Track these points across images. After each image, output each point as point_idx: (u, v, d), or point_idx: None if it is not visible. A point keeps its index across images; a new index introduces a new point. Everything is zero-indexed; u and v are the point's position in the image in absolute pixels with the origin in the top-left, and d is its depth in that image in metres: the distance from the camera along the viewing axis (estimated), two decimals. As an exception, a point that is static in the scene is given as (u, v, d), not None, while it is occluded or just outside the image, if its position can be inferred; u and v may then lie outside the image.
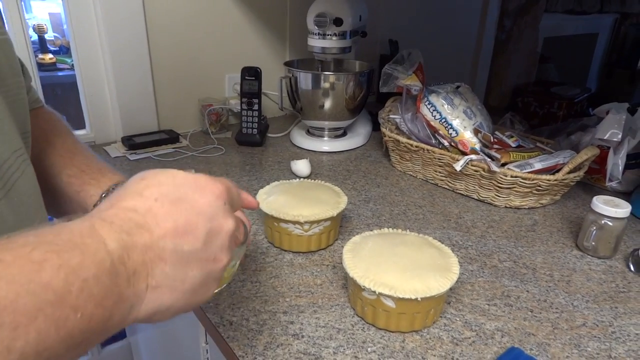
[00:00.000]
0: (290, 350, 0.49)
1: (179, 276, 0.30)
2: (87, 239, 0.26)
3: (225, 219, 0.33)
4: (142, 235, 0.29)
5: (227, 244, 0.33)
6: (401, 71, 0.92)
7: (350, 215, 0.78)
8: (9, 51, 0.41)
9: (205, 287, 0.33)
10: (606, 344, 0.51)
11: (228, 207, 0.34)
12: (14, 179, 0.38)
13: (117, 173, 0.52)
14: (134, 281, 0.28)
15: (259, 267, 0.63)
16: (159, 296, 0.30)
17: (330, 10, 0.98)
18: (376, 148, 1.11)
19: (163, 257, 0.29)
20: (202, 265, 0.31)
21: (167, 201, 0.30)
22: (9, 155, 0.37)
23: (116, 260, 0.27)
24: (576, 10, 2.08)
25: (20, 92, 0.43)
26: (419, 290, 0.49)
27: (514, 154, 0.83)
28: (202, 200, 0.32)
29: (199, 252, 0.31)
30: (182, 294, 0.31)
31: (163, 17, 1.04)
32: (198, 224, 0.31)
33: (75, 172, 0.50)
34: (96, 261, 0.26)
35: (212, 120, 1.13)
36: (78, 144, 0.54)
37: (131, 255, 0.28)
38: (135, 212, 0.29)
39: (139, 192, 0.31)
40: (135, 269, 0.28)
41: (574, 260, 0.68)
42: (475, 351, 0.50)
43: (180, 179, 0.32)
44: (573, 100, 1.53)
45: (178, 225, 0.30)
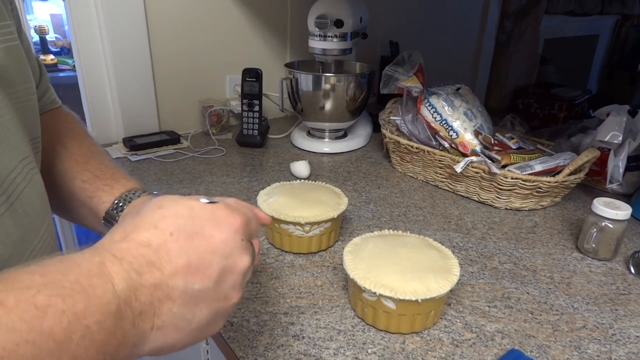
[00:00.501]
0: (290, 351, 0.49)
1: (186, 316, 0.29)
2: (95, 279, 0.26)
3: (240, 257, 0.32)
4: (152, 274, 0.28)
5: (239, 282, 0.32)
6: (402, 73, 0.92)
7: (351, 216, 0.78)
8: (20, 57, 0.40)
9: (212, 325, 0.32)
10: (606, 346, 0.51)
11: (245, 243, 0.33)
12: (19, 190, 0.37)
13: (131, 179, 0.51)
14: (139, 322, 0.27)
15: (260, 268, 0.63)
16: (164, 335, 0.29)
17: (331, 11, 0.98)
18: (377, 149, 1.11)
19: (172, 296, 0.28)
20: (212, 304, 0.31)
21: (183, 236, 0.30)
22: (15, 165, 0.37)
23: (122, 303, 0.26)
24: (577, 11, 2.08)
25: (31, 97, 0.42)
26: (419, 291, 0.49)
27: (515, 156, 0.83)
28: (220, 236, 0.31)
29: (210, 292, 0.30)
30: (188, 332, 0.30)
31: (164, 18, 1.05)
32: (212, 262, 0.30)
33: (89, 178, 0.49)
34: (101, 305, 0.25)
35: (213, 121, 1.14)
36: (94, 147, 0.54)
37: (139, 296, 0.27)
38: (148, 247, 0.29)
39: (154, 224, 0.30)
40: (142, 310, 0.27)
41: (575, 262, 0.68)
42: (475, 353, 0.50)
43: (199, 211, 0.31)
44: (573, 101, 1.53)
45: (191, 263, 0.29)
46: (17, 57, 0.40)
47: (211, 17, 1.11)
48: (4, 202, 0.35)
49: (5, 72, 0.37)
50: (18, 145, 0.37)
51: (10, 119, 0.37)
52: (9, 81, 0.37)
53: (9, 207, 0.35)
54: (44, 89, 0.54)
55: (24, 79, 0.41)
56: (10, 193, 0.36)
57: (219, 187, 0.86)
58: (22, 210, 0.37)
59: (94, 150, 0.53)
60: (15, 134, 0.37)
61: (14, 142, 0.37)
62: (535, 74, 1.89)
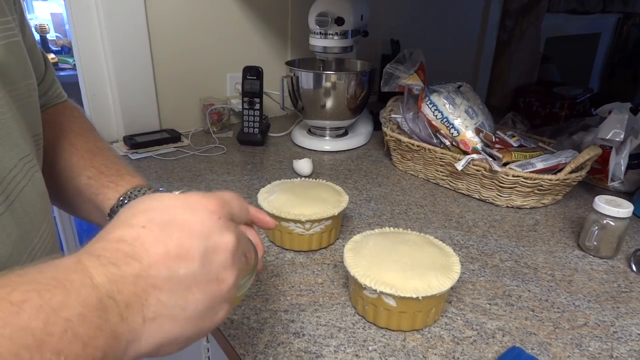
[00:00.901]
0: (291, 348, 0.49)
1: (178, 303, 0.28)
2: (72, 275, 0.25)
3: (221, 235, 0.31)
4: (131, 266, 0.27)
5: (229, 262, 0.31)
6: (403, 70, 0.92)
7: (352, 214, 0.78)
8: (20, 53, 0.40)
9: (213, 311, 0.31)
10: (608, 344, 0.51)
11: (225, 222, 0.31)
12: (19, 188, 0.37)
13: (137, 176, 0.51)
14: (128, 315, 0.26)
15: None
16: (160, 327, 0.28)
17: (332, 9, 0.98)
18: (377, 147, 1.11)
19: (157, 285, 0.27)
20: (205, 287, 0.29)
21: (156, 226, 0.29)
22: (16, 163, 0.37)
23: (104, 296, 0.25)
24: (578, 10, 2.08)
25: (32, 94, 0.42)
26: (420, 289, 0.49)
27: (516, 154, 0.83)
28: (194, 218, 0.30)
29: (198, 275, 0.29)
30: (186, 321, 0.29)
31: (164, 17, 1.04)
32: (192, 245, 0.29)
33: (94, 174, 0.49)
34: (81, 298, 0.24)
35: (214, 119, 1.14)
36: (99, 142, 0.54)
37: (121, 288, 0.26)
38: (123, 242, 0.28)
39: (126, 221, 0.29)
40: (128, 302, 0.26)
41: (576, 260, 0.68)
42: (476, 350, 0.50)
43: (169, 201, 0.31)
44: (575, 100, 1.53)
45: (169, 250, 0.28)
46: (17, 53, 0.39)
47: (212, 15, 1.11)
48: (4, 201, 0.34)
49: (6, 68, 0.37)
50: (19, 143, 0.37)
51: (11, 117, 0.36)
52: (9, 78, 0.37)
53: (9, 206, 0.35)
54: (50, 83, 0.54)
55: (24, 75, 0.40)
56: (10, 192, 0.35)
57: (219, 185, 0.86)
58: (22, 209, 0.36)
59: (99, 146, 0.53)
60: (16, 132, 0.37)
61: (14, 139, 0.37)
62: (537, 73, 1.88)
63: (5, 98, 0.36)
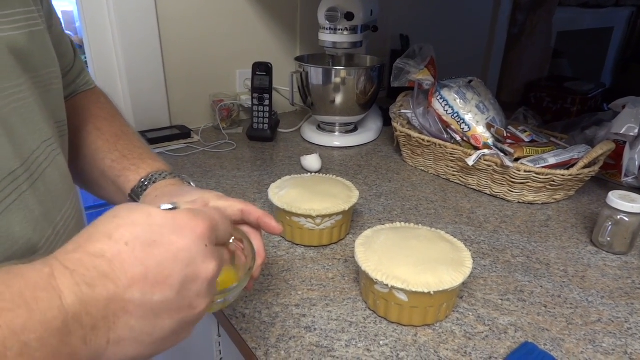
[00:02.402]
0: (302, 342, 0.49)
1: (146, 329, 0.28)
2: (40, 293, 0.24)
3: (204, 264, 0.30)
4: (105, 287, 0.26)
5: (205, 290, 0.30)
6: (413, 65, 0.91)
7: (362, 210, 0.78)
8: (44, 42, 0.41)
9: (177, 334, 0.30)
10: (622, 340, 0.51)
11: (211, 249, 0.31)
12: (42, 169, 0.38)
13: (158, 160, 0.53)
14: (92, 337, 0.25)
15: (271, 261, 0.63)
16: (122, 350, 0.27)
17: (342, 4, 0.98)
18: (387, 143, 1.10)
19: (128, 309, 0.27)
20: (175, 314, 0.29)
21: (139, 245, 0.28)
22: (38, 145, 0.38)
23: (70, 319, 0.24)
24: (591, 3, 2.05)
25: (54, 82, 0.43)
26: (432, 284, 0.48)
27: (528, 149, 0.82)
28: (180, 242, 0.29)
29: (172, 302, 0.28)
30: (150, 344, 0.28)
31: (175, 13, 1.05)
32: (173, 271, 0.28)
33: (117, 157, 0.51)
34: (45, 321, 0.23)
35: (223, 115, 1.14)
36: (125, 127, 0.55)
37: (90, 311, 0.25)
38: (101, 259, 0.27)
39: (108, 234, 0.28)
40: (94, 325, 0.25)
41: (589, 256, 0.67)
42: (488, 346, 0.49)
43: (157, 218, 0.29)
44: (587, 95, 1.51)
45: (148, 273, 0.27)
46: (40, 42, 0.41)
47: (221, 11, 1.11)
48: (27, 180, 0.36)
49: (29, 56, 0.38)
50: (41, 126, 0.39)
51: (34, 102, 0.38)
52: (32, 65, 0.38)
53: (32, 185, 0.36)
54: (78, 71, 0.56)
55: (47, 63, 0.42)
56: (33, 172, 0.37)
57: (229, 181, 0.87)
58: (44, 188, 0.38)
59: (124, 131, 0.55)
60: (38, 116, 0.38)
61: (37, 123, 0.38)
62: (548, 68, 1.86)
63: (28, 84, 0.37)
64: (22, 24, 0.38)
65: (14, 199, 0.34)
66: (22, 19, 0.38)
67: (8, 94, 0.35)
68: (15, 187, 0.34)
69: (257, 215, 0.44)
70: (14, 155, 0.35)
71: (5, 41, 0.36)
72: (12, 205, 0.34)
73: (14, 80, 0.36)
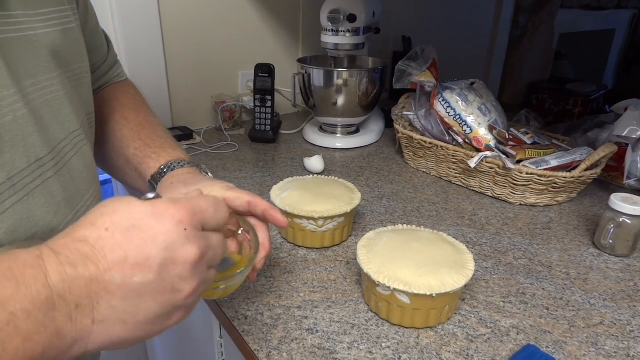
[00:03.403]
0: (304, 344, 0.49)
1: (129, 309, 0.29)
2: (28, 269, 0.26)
3: (184, 248, 0.30)
4: (87, 268, 0.27)
5: (188, 273, 0.31)
6: (415, 67, 0.91)
7: (364, 211, 0.78)
8: (75, 38, 0.44)
9: (165, 317, 0.31)
10: (624, 343, 0.51)
11: (191, 233, 0.31)
12: (67, 158, 0.41)
13: (178, 149, 0.55)
14: (77, 316, 0.27)
15: (273, 263, 0.63)
16: (108, 329, 0.29)
17: (344, 6, 0.98)
18: (389, 145, 1.10)
19: (110, 290, 0.28)
20: (158, 296, 0.30)
21: (119, 231, 0.29)
22: (66, 135, 0.41)
23: (55, 295, 0.26)
24: (593, 5, 2.05)
25: (84, 76, 0.46)
26: (434, 286, 0.48)
27: (530, 151, 0.82)
28: (159, 227, 0.30)
29: (153, 284, 0.29)
30: (136, 325, 0.30)
31: (177, 14, 1.05)
32: (151, 254, 0.29)
33: (140, 145, 0.54)
34: (30, 294, 0.25)
35: (226, 117, 1.14)
36: (150, 117, 0.59)
37: (73, 289, 0.27)
38: (84, 243, 0.28)
39: (92, 222, 0.30)
40: (78, 303, 0.27)
41: (591, 258, 0.67)
42: (490, 348, 0.49)
43: (137, 206, 0.31)
44: (589, 97, 1.51)
45: (128, 256, 0.28)
46: (73, 38, 0.44)
47: (224, 13, 1.12)
48: (53, 167, 0.39)
49: (61, 51, 0.41)
50: (70, 118, 0.42)
51: (64, 94, 0.41)
52: (64, 60, 0.42)
53: (57, 172, 0.39)
54: (111, 63, 0.61)
55: (78, 58, 0.45)
56: (59, 160, 0.40)
57: (231, 183, 0.86)
58: (69, 175, 0.41)
59: (149, 121, 0.58)
60: (68, 108, 0.42)
61: (66, 115, 0.41)
62: (550, 69, 1.86)
63: (60, 78, 0.41)
64: (56, 22, 0.41)
65: (38, 184, 0.37)
66: (56, 17, 0.41)
67: (41, 87, 0.38)
68: (41, 173, 0.37)
69: (264, 207, 0.46)
70: (42, 144, 0.38)
71: (41, 38, 0.39)
72: (35, 190, 0.37)
73: (47, 74, 0.39)
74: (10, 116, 0.35)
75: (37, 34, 0.38)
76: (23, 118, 0.36)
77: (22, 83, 0.36)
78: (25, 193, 0.36)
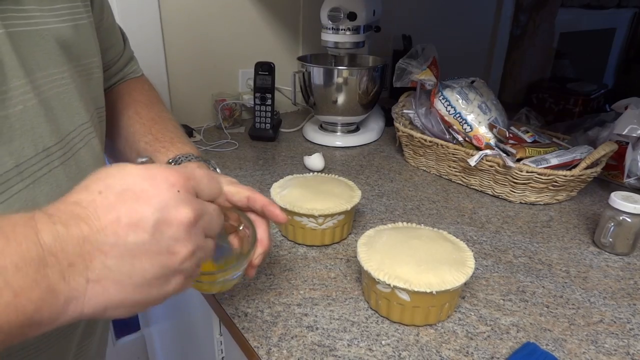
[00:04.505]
0: (304, 341, 0.49)
1: (124, 269, 0.29)
2: (19, 228, 0.26)
3: (177, 209, 0.30)
4: (79, 227, 0.28)
5: (183, 235, 0.31)
6: (415, 66, 0.91)
7: (364, 209, 0.78)
8: (86, 34, 0.45)
9: (162, 280, 0.31)
10: (624, 341, 0.51)
11: (185, 195, 0.31)
12: (75, 149, 0.42)
13: (187, 144, 0.56)
14: (70, 274, 0.27)
15: (273, 260, 0.63)
16: (104, 290, 0.28)
17: (344, 4, 0.98)
18: (389, 143, 1.10)
19: (103, 249, 0.28)
20: (153, 257, 0.29)
21: (112, 193, 0.29)
22: (75, 127, 0.42)
23: (46, 252, 0.26)
24: (593, 4, 2.05)
25: (95, 71, 0.47)
26: (434, 283, 0.48)
27: (530, 149, 0.82)
28: (152, 189, 0.30)
29: (147, 244, 0.29)
30: (132, 287, 0.29)
31: (177, 12, 1.05)
32: (144, 214, 0.29)
33: (150, 140, 0.55)
34: (20, 250, 0.25)
35: (226, 115, 1.14)
36: (162, 113, 0.60)
37: (65, 247, 0.27)
38: (77, 205, 0.29)
39: (86, 186, 0.30)
40: (71, 261, 0.27)
41: (591, 256, 0.67)
42: (490, 346, 0.49)
43: (129, 170, 0.31)
44: (589, 96, 1.51)
45: (120, 217, 0.28)
46: (84, 34, 0.45)
47: (224, 11, 1.11)
48: (60, 157, 0.40)
49: (72, 46, 0.42)
50: (79, 111, 0.43)
51: (74, 88, 0.42)
52: (75, 55, 0.43)
53: (64, 162, 0.40)
54: (127, 60, 0.63)
55: (89, 53, 0.46)
56: (67, 150, 0.41)
57: (232, 180, 0.87)
58: (75, 166, 0.42)
59: (161, 116, 0.59)
60: (77, 101, 0.43)
61: (75, 108, 0.42)
62: (550, 68, 1.86)
63: (70, 71, 0.42)
64: (67, 17, 0.42)
65: (44, 173, 0.38)
66: (67, 13, 0.42)
67: (51, 80, 0.40)
68: (48, 162, 0.38)
69: (263, 202, 0.45)
70: (50, 134, 0.39)
71: (52, 32, 0.40)
72: (42, 178, 0.38)
73: (58, 67, 0.40)
74: (20, 106, 0.36)
75: (49, 28, 0.40)
76: (33, 108, 0.37)
77: (33, 75, 0.37)
78: (32, 180, 0.37)
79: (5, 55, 0.35)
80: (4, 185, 0.35)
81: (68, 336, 0.46)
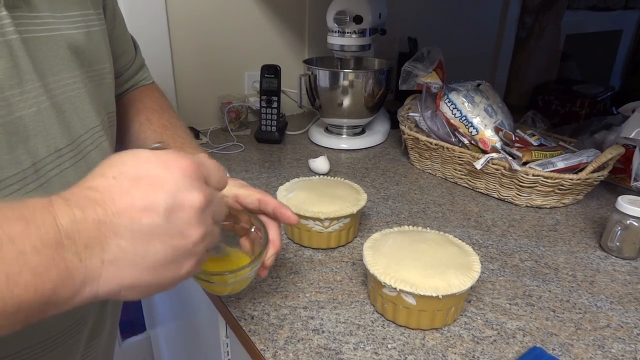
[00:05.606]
0: (310, 345, 0.49)
1: (138, 251, 0.29)
2: (37, 212, 0.27)
3: (189, 192, 0.31)
4: (95, 211, 0.28)
5: (195, 219, 0.32)
6: (421, 69, 0.92)
7: (369, 212, 0.78)
8: (99, 41, 0.47)
9: (175, 263, 0.32)
10: (631, 346, 0.51)
11: (197, 182, 0.32)
12: (86, 152, 0.44)
13: (197, 149, 0.57)
14: (86, 255, 0.28)
15: (279, 263, 0.64)
16: (119, 271, 0.29)
17: (350, 7, 0.98)
18: (395, 146, 1.10)
19: (118, 232, 0.29)
20: (167, 240, 0.30)
21: (126, 179, 0.30)
22: (86, 130, 0.44)
23: (63, 235, 0.27)
24: (600, 6, 2.04)
25: (107, 77, 0.49)
26: (440, 287, 0.49)
27: (536, 153, 0.82)
28: (165, 175, 0.31)
29: (160, 228, 0.30)
30: (145, 269, 0.30)
31: (184, 15, 1.06)
32: (158, 198, 0.30)
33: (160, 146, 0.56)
34: (39, 233, 0.26)
35: (232, 117, 1.15)
36: (173, 119, 0.61)
37: (81, 230, 0.28)
38: (93, 190, 0.30)
39: (101, 173, 0.31)
40: (87, 243, 0.28)
41: (598, 260, 0.67)
42: (496, 350, 0.49)
43: (143, 156, 0.32)
44: (596, 98, 1.50)
45: (135, 202, 0.29)
46: (96, 41, 0.46)
47: (230, 14, 1.12)
48: (71, 158, 0.42)
49: (83, 53, 0.44)
50: (90, 115, 0.45)
51: (85, 92, 0.44)
52: (87, 61, 0.44)
53: (74, 163, 0.42)
54: (138, 67, 0.65)
55: (101, 60, 0.48)
56: (78, 152, 0.42)
57: (238, 183, 0.87)
58: (85, 167, 0.43)
59: (172, 122, 0.61)
60: (88, 105, 0.44)
61: (87, 112, 0.44)
62: (556, 71, 1.86)
63: (82, 76, 0.44)
64: (80, 24, 0.44)
65: (56, 173, 0.40)
66: (80, 20, 0.44)
67: (64, 84, 0.41)
68: (59, 163, 0.40)
69: (274, 205, 0.47)
70: (62, 136, 0.41)
71: (65, 38, 0.42)
72: (54, 178, 0.40)
73: (70, 72, 0.42)
74: (35, 107, 0.38)
75: (62, 34, 0.41)
76: (46, 110, 0.39)
77: (46, 79, 0.39)
78: (45, 180, 0.39)
79: (21, 60, 0.37)
80: (21, 182, 0.37)
81: (76, 335, 0.47)
